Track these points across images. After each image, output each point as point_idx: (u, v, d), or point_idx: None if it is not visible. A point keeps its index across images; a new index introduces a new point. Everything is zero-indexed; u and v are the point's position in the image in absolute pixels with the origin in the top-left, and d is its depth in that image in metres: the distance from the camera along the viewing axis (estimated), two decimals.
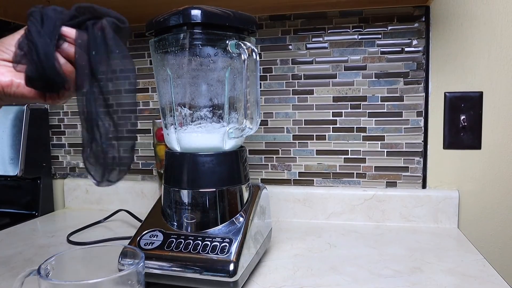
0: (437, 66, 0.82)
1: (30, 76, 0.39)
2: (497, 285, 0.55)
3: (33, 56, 0.38)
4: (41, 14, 0.39)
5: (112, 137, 0.42)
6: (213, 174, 0.58)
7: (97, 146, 0.42)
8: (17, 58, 0.39)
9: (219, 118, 0.62)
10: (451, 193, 0.82)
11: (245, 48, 0.56)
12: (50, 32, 0.38)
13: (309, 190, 0.88)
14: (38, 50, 0.38)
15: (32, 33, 0.38)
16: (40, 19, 0.38)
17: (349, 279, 0.58)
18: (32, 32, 0.38)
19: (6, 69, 0.39)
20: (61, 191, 1.04)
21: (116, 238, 0.77)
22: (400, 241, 0.74)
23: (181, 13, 0.56)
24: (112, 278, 0.38)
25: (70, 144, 1.04)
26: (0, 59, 0.40)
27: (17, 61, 0.39)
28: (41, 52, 0.38)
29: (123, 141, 0.43)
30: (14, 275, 0.60)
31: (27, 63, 0.39)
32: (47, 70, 0.38)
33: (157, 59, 0.63)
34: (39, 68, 0.38)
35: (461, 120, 0.82)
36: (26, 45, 0.38)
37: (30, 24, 0.38)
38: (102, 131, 0.42)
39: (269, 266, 0.63)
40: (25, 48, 0.38)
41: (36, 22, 0.38)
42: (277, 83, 0.89)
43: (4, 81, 0.39)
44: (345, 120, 0.87)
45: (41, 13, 0.39)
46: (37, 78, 0.39)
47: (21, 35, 0.40)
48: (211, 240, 0.56)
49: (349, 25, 0.84)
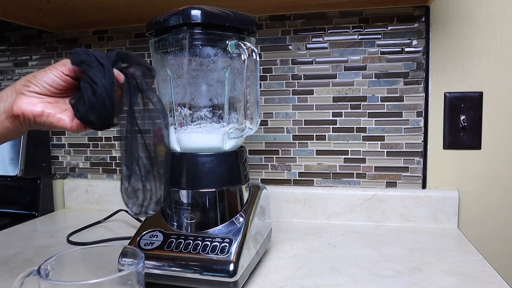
0: (437, 66, 0.82)
1: (87, 114, 0.43)
2: (497, 285, 0.55)
3: (97, 98, 0.42)
4: (96, 59, 0.43)
5: (148, 173, 0.46)
6: (213, 174, 0.58)
7: (136, 181, 0.46)
8: (74, 99, 0.44)
9: (219, 118, 0.62)
10: (451, 193, 0.82)
11: (245, 48, 0.56)
12: (111, 79, 0.43)
13: (309, 190, 0.88)
14: (102, 93, 0.42)
15: (95, 79, 0.42)
16: (96, 64, 0.42)
17: (349, 279, 0.58)
18: (95, 78, 0.42)
19: (37, 100, 0.44)
20: (61, 191, 1.04)
21: (116, 238, 0.77)
22: (400, 241, 0.74)
23: (181, 13, 0.56)
24: (112, 278, 0.38)
25: (70, 144, 1.04)
26: (32, 91, 0.44)
27: (74, 102, 0.44)
28: (105, 95, 0.42)
29: (159, 176, 0.47)
30: (14, 275, 0.60)
31: (85, 104, 0.42)
32: (108, 110, 0.43)
33: (157, 59, 0.63)
34: (101, 108, 0.42)
35: (461, 120, 0.82)
36: (89, 88, 0.42)
37: (90, 70, 0.42)
38: (140, 167, 0.45)
39: (269, 266, 0.63)
40: (89, 91, 0.42)
41: (97, 68, 0.42)
42: (277, 83, 0.89)
43: (36, 111, 0.43)
44: (345, 120, 0.87)
45: (96, 58, 0.43)
46: (97, 117, 0.43)
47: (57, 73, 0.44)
48: (211, 240, 0.56)
49: (349, 25, 0.84)
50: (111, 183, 1.00)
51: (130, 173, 0.46)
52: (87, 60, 0.42)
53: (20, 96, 0.43)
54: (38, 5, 0.83)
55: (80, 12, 0.88)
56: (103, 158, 1.02)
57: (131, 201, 0.47)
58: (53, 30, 0.99)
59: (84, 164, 1.03)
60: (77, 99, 0.44)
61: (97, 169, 1.02)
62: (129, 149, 0.45)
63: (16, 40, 1.04)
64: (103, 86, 0.42)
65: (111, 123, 0.44)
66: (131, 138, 0.45)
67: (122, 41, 0.96)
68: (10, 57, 1.05)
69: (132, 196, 0.46)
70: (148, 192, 0.46)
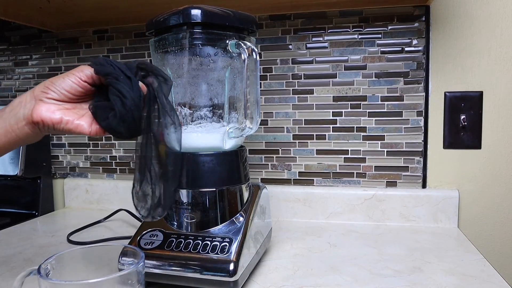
0: (437, 66, 0.82)
1: (117, 126, 0.44)
2: (497, 285, 0.55)
3: (127, 110, 0.43)
4: (122, 72, 0.44)
5: (159, 180, 0.47)
6: (213, 173, 0.58)
7: (147, 186, 0.47)
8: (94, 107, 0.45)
9: (219, 117, 0.62)
10: (451, 192, 0.82)
11: (245, 47, 0.56)
12: (138, 91, 0.44)
13: (309, 190, 0.88)
14: (132, 106, 0.43)
15: (124, 92, 0.43)
16: (124, 78, 0.44)
17: (349, 279, 0.58)
18: (124, 91, 0.43)
19: (56, 107, 0.45)
20: (61, 191, 1.04)
21: (116, 237, 0.77)
22: (400, 241, 0.74)
23: (181, 12, 0.56)
24: (112, 277, 0.38)
25: (70, 144, 1.04)
26: (50, 98, 0.45)
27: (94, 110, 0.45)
28: (134, 108, 0.43)
29: (168, 184, 0.48)
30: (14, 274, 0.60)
31: (116, 116, 0.43)
32: (137, 122, 0.44)
33: (157, 59, 0.63)
34: (130, 120, 0.44)
35: (461, 120, 0.82)
36: (118, 101, 0.43)
37: (119, 84, 0.43)
38: (152, 174, 0.47)
39: (269, 265, 0.63)
40: (118, 104, 0.43)
41: (124, 81, 0.44)
42: (277, 83, 0.89)
43: (55, 118, 0.44)
44: (345, 120, 0.87)
45: (122, 71, 0.44)
46: (126, 129, 0.44)
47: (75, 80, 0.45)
48: (211, 239, 0.56)
49: (349, 25, 0.84)
50: (111, 183, 1.00)
51: (142, 178, 0.47)
52: (113, 73, 0.44)
53: (39, 103, 0.44)
54: (38, 4, 0.83)
55: (80, 11, 0.88)
56: (103, 157, 1.02)
57: (140, 205, 0.49)
58: (53, 30, 0.99)
59: (84, 163, 1.03)
60: (98, 107, 0.45)
61: (97, 169, 1.02)
62: (143, 155, 0.47)
63: (16, 39, 1.04)
64: (132, 99, 0.43)
65: (138, 134, 0.46)
66: (146, 146, 0.47)
67: (122, 41, 0.96)
68: (10, 57, 1.05)
69: (142, 200, 0.48)
70: (156, 198, 0.48)
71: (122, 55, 0.97)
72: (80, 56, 1.00)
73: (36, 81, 1.03)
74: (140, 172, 0.48)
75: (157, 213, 0.48)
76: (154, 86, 0.45)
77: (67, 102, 0.45)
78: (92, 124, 0.45)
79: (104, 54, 0.98)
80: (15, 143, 0.46)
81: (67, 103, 0.46)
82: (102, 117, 0.45)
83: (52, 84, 0.45)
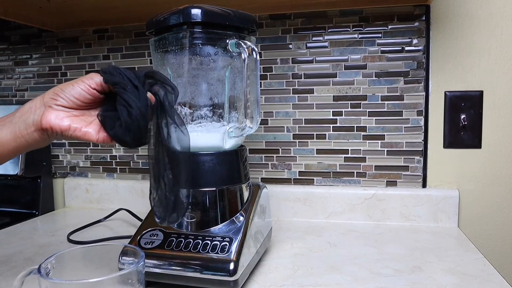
0: (437, 65, 0.82)
1: (123, 136, 0.45)
2: (497, 284, 0.55)
3: (133, 120, 0.44)
4: (130, 81, 0.44)
5: (172, 188, 0.48)
6: (213, 173, 0.58)
7: (161, 193, 0.49)
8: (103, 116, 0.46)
9: (219, 117, 0.62)
10: (451, 192, 0.82)
11: (245, 47, 0.56)
12: (145, 101, 0.44)
13: (309, 189, 0.88)
14: (138, 116, 0.44)
15: (131, 102, 0.43)
16: (131, 87, 0.44)
17: (349, 279, 0.58)
18: (130, 101, 0.44)
19: (64, 114, 0.45)
20: (61, 190, 1.04)
21: (117, 237, 0.77)
22: (400, 240, 0.74)
23: (181, 12, 0.56)
24: (112, 277, 0.38)
25: (70, 144, 1.04)
26: (59, 105, 0.45)
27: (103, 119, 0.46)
28: (140, 118, 0.44)
29: (180, 191, 0.49)
30: (15, 274, 0.60)
31: (122, 126, 0.44)
32: (142, 132, 0.45)
33: (157, 58, 0.63)
34: (135, 130, 0.44)
35: (461, 119, 0.82)
36: (125, 111, 0.44)
37: (126, 94, 0.44)
38: (166, 182, 0.48)
39: (269, 265, 0.64)
40: (125, 114, 0.44)
41: (132, 91, 0.44)
42: (277, 82, 0.89)
43: (64, 125, 0.45)
44: (345, 119, 0.87)
45: (130, 80, 0.44)
46: (132, 138, 0.45)
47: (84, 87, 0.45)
48: (211, 239, 0.56)
49: (349, 24, 0.84)
50: (111, 182, 1.00)
51: (157, 186, 0.49)
52: (121, 82, 0.44)
53: (48, 109, 0.45)
54: (38, 4, 0.83)
55: (80, 11, 0.88)
56: (103, 157, 1.02)
57: (157, 210, 0.50)
58: (53, 29, 0.99)
59: (85, 163, 1.03)
60: (107, 116, 0.45)
61: (97, 168, 1.03)
62: (156, 164, 0.48)
63: (16, 39, 1.04)
64: (138, 109, 0.44)
65: (143, 143, 0.47)
66: (158, 154, 0.47)
67: (122, 40, 0.96)
68: (10, 56, 1.05)
69: (158, 205, 0.50)
70: (170, 205, 0.49)
71: (122, 54, 0.97)
72: (80, 55, 1.00)
73: (36, 80, 1.04)
74: (155, 180, 0.49)
75: (172, 218, 0.49)
76: (160, 95, 0.46)
77: (75, 109, 0.46)
78: (99, 132, 0.46)
79: (104, 54, 0.98)
80: (24, 148, 0.47)
81: (76, 110, 0.46)
82: (110, 126, 0.45)
83: (62, 91, 0.45)
